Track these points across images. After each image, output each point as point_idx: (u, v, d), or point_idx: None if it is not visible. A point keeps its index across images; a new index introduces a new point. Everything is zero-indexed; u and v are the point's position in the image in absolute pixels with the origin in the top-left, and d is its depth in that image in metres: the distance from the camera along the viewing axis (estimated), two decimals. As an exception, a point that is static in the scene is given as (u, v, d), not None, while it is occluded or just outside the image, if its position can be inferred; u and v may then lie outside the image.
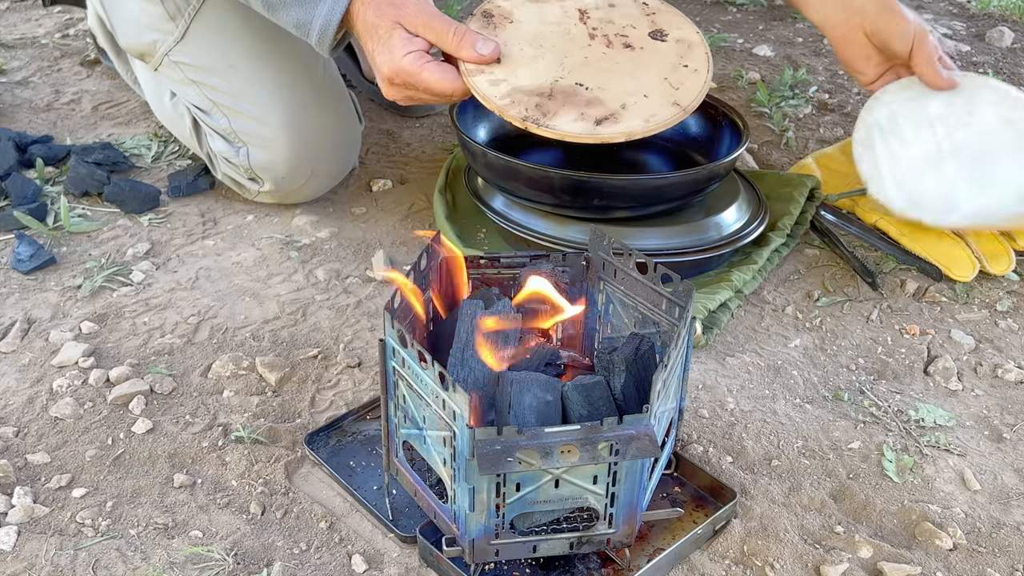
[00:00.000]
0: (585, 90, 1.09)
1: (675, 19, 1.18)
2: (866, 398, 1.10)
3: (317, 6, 1.09)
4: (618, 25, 1.16)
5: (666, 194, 1.20)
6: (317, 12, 1.09)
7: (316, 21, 1.10)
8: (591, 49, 1.13)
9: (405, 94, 1.09)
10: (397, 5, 1.06)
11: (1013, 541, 0.92)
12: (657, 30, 1.16)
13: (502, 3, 1.16)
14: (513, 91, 1.07)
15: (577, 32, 1.15)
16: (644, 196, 1.19)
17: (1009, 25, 2.13)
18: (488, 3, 1.16)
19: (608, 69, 1.11)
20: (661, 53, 1.14)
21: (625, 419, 0.76)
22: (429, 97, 1.08)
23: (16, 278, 1.25)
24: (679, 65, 1.13)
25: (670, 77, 1.11)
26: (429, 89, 1.06)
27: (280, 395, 1.07)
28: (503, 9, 1.15)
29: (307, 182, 1.38)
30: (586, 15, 1.16)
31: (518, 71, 1.09)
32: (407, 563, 0.88)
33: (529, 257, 0.97)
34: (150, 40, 1.35)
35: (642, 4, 1.19)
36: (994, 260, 1.28)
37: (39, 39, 1.96)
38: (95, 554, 0.88)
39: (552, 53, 1.12)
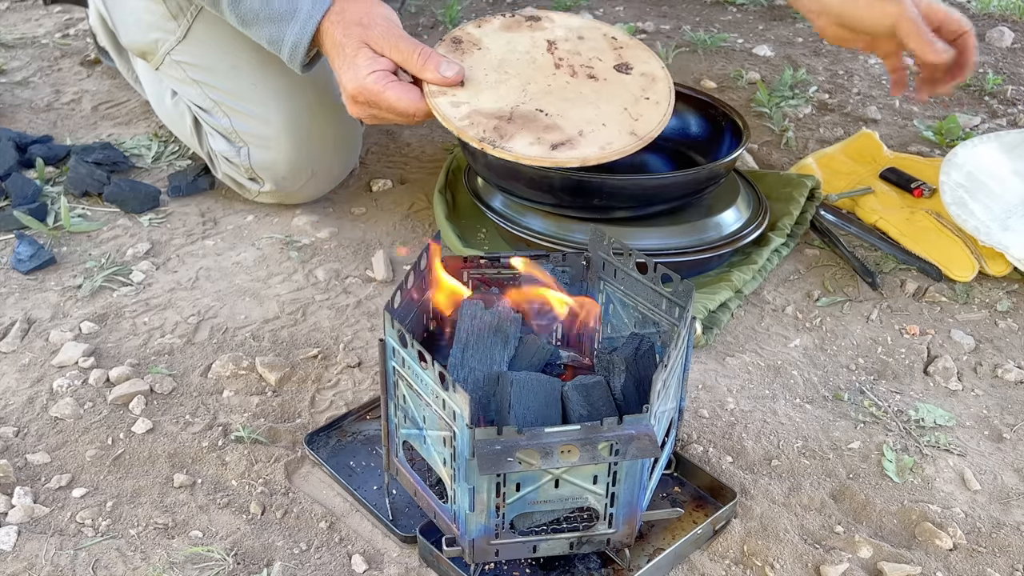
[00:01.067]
0: (545, 116, 1.11)
1: (642, 54, 1.21)
2: (866, 398, 1.10)
3: (288, 24, 1.12)
4: (584, 57, 1.19)
5: (666, 194, 1.20)
6: (288, 31, 1.12)
7: (287, 39, 1.13)
8: (555, 78, 1.15)
9: (369, 112, 1.11)
10: (364, 25, 1.08)
11: (1013, 541, 0.92)
12: (623, 63, 1.18)
13: (472, 30, 1.19)
14: (473, 112, 1.09)
15: (543, 61, 1.17)
16: (644, 196, 1.19)
17: (1009, 25, 2.13)
18: (459, 30, 1.19)
19: (570, 98, 1.14)
20: (624, 85, 1.16)
21: (625, 419, 0.76)
22: (392, 116, 1.10)
23: (16, 278, 1.25)
24: (641, 97, 1.15)
25: (630, 108, 1.13)
26: (391, 108, 1.08)
27: (280, 395, 1.07)
28: (472, 36, 1.18)
29: (307, 182, 1.38)
30: (554, 46, 1.19)
31: (480, 95, 1.11)
32: (407, 563, 0.88)
33: (529, 257, 0.97)
34: (152, 39, 1.35)
35: (611, 38, 1.22)
36: (992, 261, 1.28)
37: (39, 39, 1.96)
38: (95, 554, 0.88)
39: (516, 79, 1.14)
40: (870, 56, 1.96)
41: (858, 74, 1.89)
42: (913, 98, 1.31)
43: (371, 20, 1.09)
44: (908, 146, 1.62)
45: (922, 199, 1.42)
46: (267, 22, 1.13)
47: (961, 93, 1.83)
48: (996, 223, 1.29)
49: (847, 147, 1.55)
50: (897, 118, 1.72)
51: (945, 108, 1.77)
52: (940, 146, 1.62)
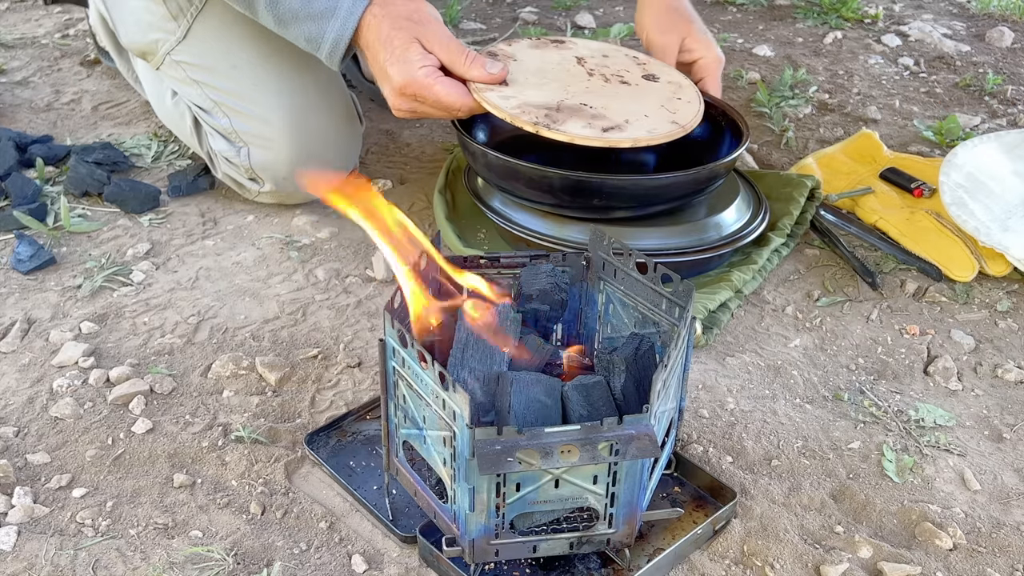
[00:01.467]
0: (590, 108, 1.16)
1: (665, 68, 1.30)
2: (866, 398, 1.10)
3: (329, 21, 1.13)
4: (613, 69, 1.26)
5: (666, 194, 1.20)
6: (329, 27, 1.14)
7: (328, 35, 1.14)
8: (591, 82, 1.22)
9: (412, 106, 1.14)
10: (415, 22, 1.11)
11: (1013, 541, 0.92)
12: (650, 74, 1.26)
13: (504, 47, 1.25)
14: (523, 104, 1.15)
15: (577, 71, 1.24)
16: (644, 196, 1.19)
17: (1009, 25, 2.13)
18: (492, 47, 1.25)
19: (609, 95, 1.20)
20: (655, 89, 1.24)
21: (625, 419, 0.76)
22: (435, 111, 1.14)
23: (16, 278, 1.25)
24: (673, 98, 1.22)
25: (666, 105, 1.20)
26: (438, 102, 1.12)
27: (280, 395, 1.07)
28: (506, 51, 1.24)
29: (307, 182, 1.38)
30: (583, 60, 1.26)
31: (526, 91, 1.17)
32: (407, 563, 0.88)
33: (529, 257, 0.97)
34: (152, 39, 1.35)
35: (633, 57, 1.30)
36: (992, 261, 1.28)
37: (39, 39, 1.96)
38: (95, 554, 0.88)
39: (556, 83, 1.21)
40: (870, 56, 1.96)
41: (858, 74, 1.89)
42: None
43: (421, 17, 1.11)
44: (908, 146, 1.62)
45: (922, 199, 1.42)
46: (306, 20, 1.14)
47: (961, 93, 1.83)
48: (996, 223, 1.29)
49: (847, 147, 1.55)
50: (897, 118, 1.72)
51: (945, 108, 1.77)
52: (940, 146, 1.62)
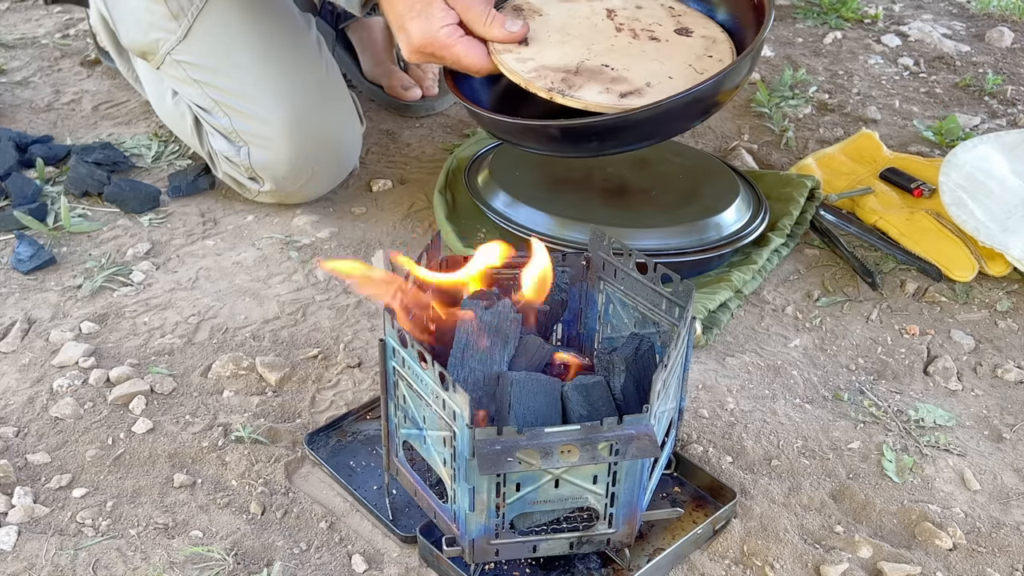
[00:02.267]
0: (611, 70, 1.11)
1: (701, 20, 1.21)
2: (866, 398, 1.10)
3: None
4: (644, 22, 1.19)
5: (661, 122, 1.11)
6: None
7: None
8: (617, 39, 1.16)
9: (429, 60, 1.12)
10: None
11: (1013, 541, 0.92)
12: (683, 27, 1.19)
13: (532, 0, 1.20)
14: (540, 67, 1.11)
15: (604, 26, 1.18)
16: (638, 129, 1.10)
17: (1009, 25, 2.13)
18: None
19: (634, 55, 1.14)
20: (686, 45, 1.16)
21: (625, 419, 0.76)
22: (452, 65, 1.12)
23: (16, 278, 1.25)
24: (704, 55, 1.14)
25: (695, 64, 1.13)
26: (458, 62, 1.10)
27: (280, 395, 1.07)
28: (533, 4, 1.19)
29: (307, 182, 1.38)
30: (614, 13, 1.20)
31: (545, 52, 1.13)
32: (407, 563, 0.88)
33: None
34: (153, 39, 1.35)
35: (668, 7, 1.22)
36: (992, 261, 1.28)
37: (39, 39, 1.96)
38: (95, 554, 0.88)
39: (579, 40, 1.15)
40: (870, 56, 1.96)
41: (858, 74, 1.89)
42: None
43: None
44: (908, 146, 1.62)
45: (922, 199, 1.42)
46: None
47: (961, 93, 1.83)
48: (996, 223, 1.29)
49: (847, 147, 1.55)
50: (897, 118, 1.72)
51: (945, 108, 1.77)
52: (940, 146, 1.62)
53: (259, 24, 1.32)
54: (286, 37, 1.34)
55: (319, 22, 1.64)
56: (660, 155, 1.39)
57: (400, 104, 1.68)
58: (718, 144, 1.61)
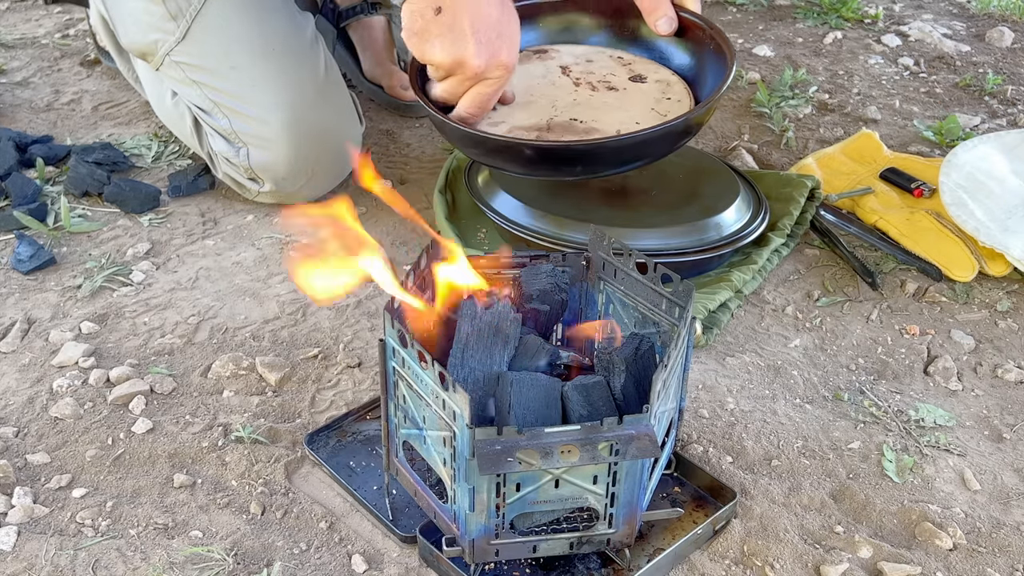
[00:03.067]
0: (580, 123, 1.16)
1: (651, 66, 1.27)
2: (866, 398, 1.10)
3: None
4: (599, 74, 1.24)
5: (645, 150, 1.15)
6: None
7: None
8: (578, 93, 1.21)
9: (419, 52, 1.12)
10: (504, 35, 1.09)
11: (1013, 541, 0.92)
12: (636, 75, 1.24)
13: None
14: (513, 128, 1.14)
15: (562, 82, 1.23)
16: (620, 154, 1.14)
17: (1009, 25, 2.13)
18: None
19: (597, 106, 1.19)
20: (643, 92, 1.22)
21: (625, 419, 0.76)
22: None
23: (16, 278, 1.25)
24: (663, 98, 1.20)
25: (656, 107, 1.19)
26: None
27: (280, 395, 1.07)
28: None
29: (307, 182, 1.38)
30: (568, 69, 1.25)
31: (514, 113, 1.17)
32: (407, 563, 0.88)
33: (529, 257, 0.97)
34: (152, 39, 1.35)
35: (618, 58, 1.28)
36: (992, 261, 1.28)
37: (39, 39, 1.96)
38: (95, 554, 0.88)
39: (543, 99, 1.20)
40: (870, 56, 1.96)
41: (858, 74, 1.89)
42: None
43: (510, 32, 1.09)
44: (908, 146, 1.62)
45: (922, 199, 1.42)
46: None
47: (961, 93, 1.83)
48: (996, 223, 1.29)
49: (847, 147, 1.55)
50: (897, 118, 1.72)
51: (945, 108, 1.77)
52: (940, 146, 1.62)
53: (258, 24, 1.32)
54: (285, 37, 1.34)
55: (319, 21, 1.64)
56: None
57: (400, 104, 1.68)
58: (718, 144, 1.61)
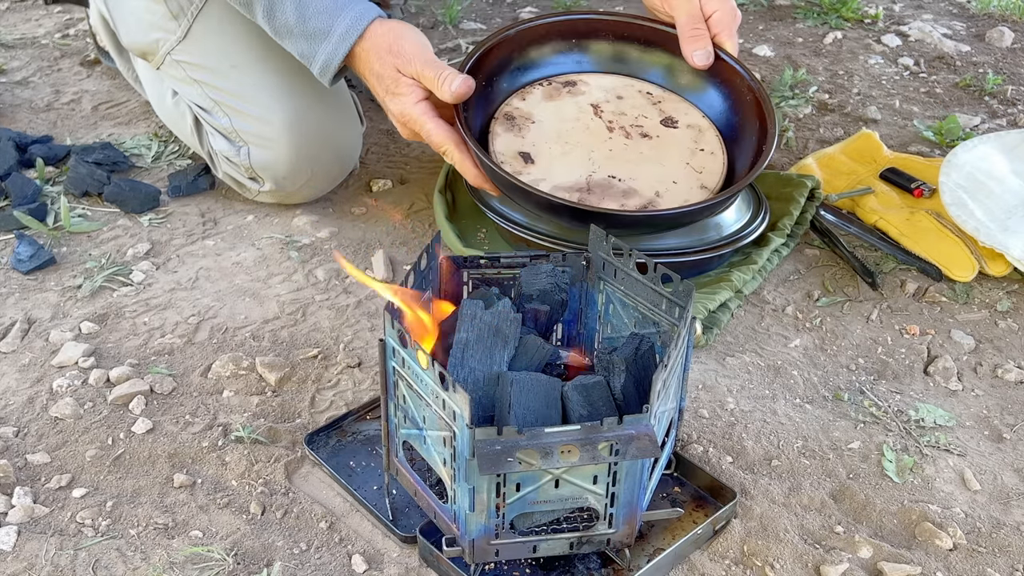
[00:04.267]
0: (619, 181, 1.16)
1: (680, 105, 1.27)
2: (866, 398, 1.10)
3: (321, 43, 1.16)
4: (631, 116, 1.24)
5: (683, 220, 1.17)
6: (320, 49, 1.17)
7: (319, 57, 1.17)
8: (612, 141, 1.21)
9: (413, 136, 1.17)
10: (395, 53, 1.13)
11: (1013, 541, 0.92)
12: (667, 117, 1.24)
13: (519, 104, 1.24)
14: (554, 189, 1.15)
15: (595, 126, 1.23)
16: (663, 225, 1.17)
17: (1009, 25, 2.13)
18: (507, 105, 1.24)
19: (633, 160, 1.19)
20: (677, 140, 1.22)
21: (625, 419, 0.76)
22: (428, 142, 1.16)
23: (16, 278, 1.25)
24: (696, 150, 1.21)
25: (691, 162, 1.19)
26: (429, 139, 1.14)
27: (280, 395, 1.07)
28: (522, 111, 1.23)
29: (308, 182, 1.38)
30: (599, 109, 1.25)
31: (552, 169, 1.17)
32: (407, 563, 0.88)
33: (529, 257, 0.97)
34: (153, 39, 1.35)
35: (647, 94, 1.27)
36: (992, 261, 1.28)
37: (39, 39, 1.96)
38: (95, 554, 0.88)
39: (578, 149, 1.20)
40: (870, 56, 1.96)
41: (858, 74, 1.89)
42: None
43: (400, 47, 1.13)
44: (908, 146, 1.62)
45: (922, 199, 1.42)
46: (300, 38, 1.17)
47: (961, 93, 1.83)
48: (996, 223, 1.29)
49: (847, 147, 1.55)
50: (897, 118, 1.72)
51: (945, 108, 1.77)
52: (940, 146, 1.62)
53: (258, 24, 1.32)
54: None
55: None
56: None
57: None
58: (718, 144, 1.61)
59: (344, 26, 1.14)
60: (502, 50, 1.24)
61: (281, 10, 1.17)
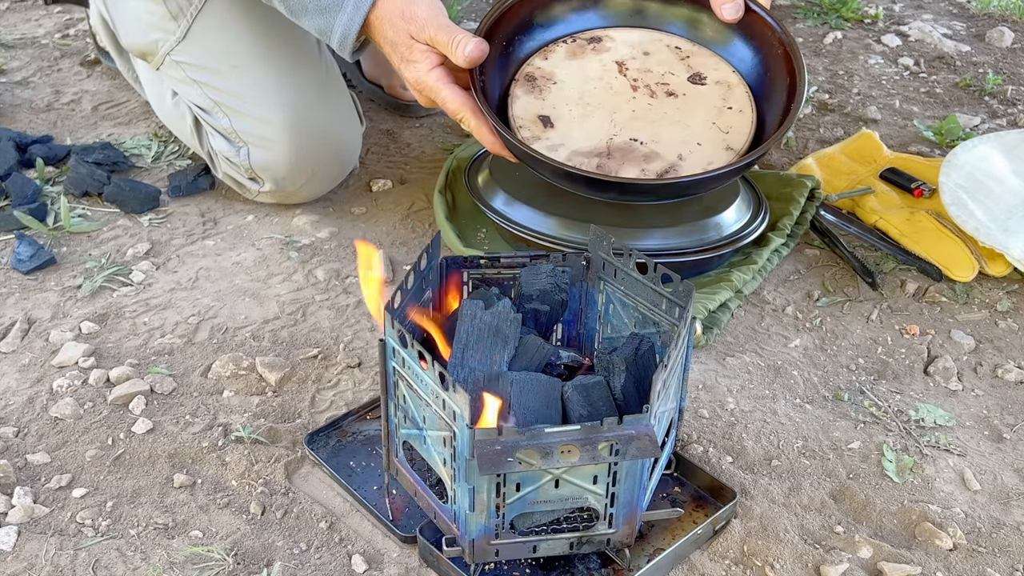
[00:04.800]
0: (640, 144, 1.13)
1: (710, 60, 1.21)
2: (866, 398, 1.10)
3: (336, 15, 1.14)
4: (657, 74, 1.19)
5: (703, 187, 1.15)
6: (337, 21, 1.15)
7: (336, 29, 1.15)
8: (636, 101, 1.17)
9: (430, 100, 1.15)
10: (408, 19, 1.11)
11: (1013, 541, 0.92)
12: (695, 74, 1.19)
13: (541, 64, 1.21)
14: (572, 155, 1.12)
15: (619, 85, 1.18)
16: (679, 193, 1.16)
17: (1009, 25, 2.13)
18: (528, 66, 1.20)
19: (657, 120, 1.15)
20: (704, 97, 1.17)
21: (625, 419, 0.76)
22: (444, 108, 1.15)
23: (16, 278, 1.25)
24: (724, 108, 1.17)
25: (718, 121, 1.15)
26: (444, 106, 1.12)
27: (280, 395, 1.07)
28: (544, 71, 1.20)
29: (307, 182, 1.38)
30: (624, 67, 1.20)
31: (572, 133, 1.14)
32: (407, 563, 0.88)
33: (529, 257, 0.97)
34: (152, 39, 1.35)
35: (675, 48, 1.22)
36: (992, 261, 1.28)
37: (39, 39, 1.96)
38: (95, 554, 0.88)
39: (600, 111, 1.16)
40: (870, 56, 1.96)
41: (858, 74, 1.89)
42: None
43: (412, 13, 1.11)
44: (908, 146, 1.62)
45: (922, 199, 1.42)
46: (316, 13, 1.16)
47: (961, 93, 1.83)
48: (996, 224, 1.29)
49: (847, 147, 1.55)
50: (897, 118, 1.72)
51: (945, 108, 1.77)
52: (940, 146, 1.62)
53: (258, 24, 1.32)
54: (285, 37, 1.34)
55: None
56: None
57: (400, 104, 1.68)
58: (718, 144, 1.61)
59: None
60: (522, 8, 1.20)
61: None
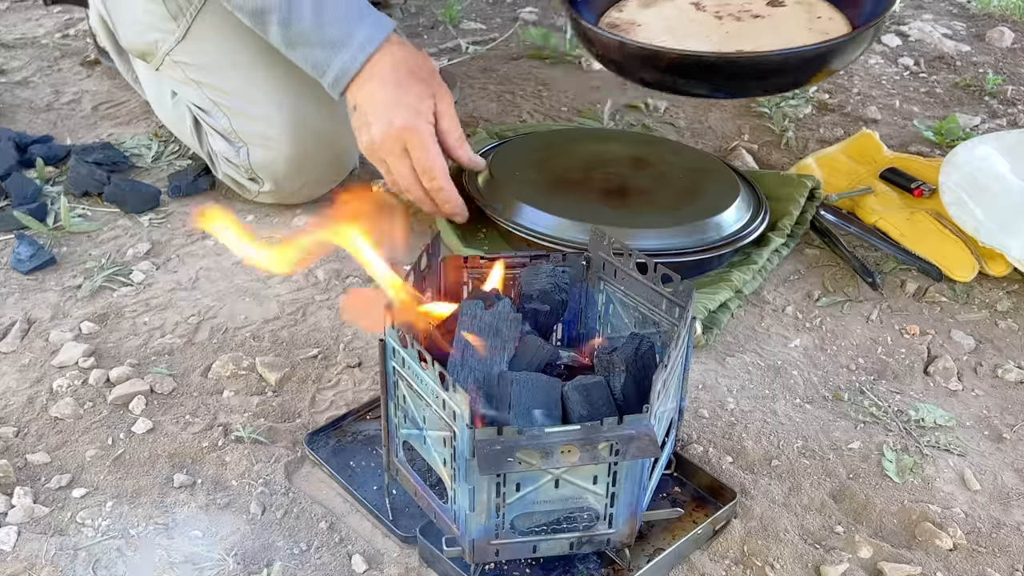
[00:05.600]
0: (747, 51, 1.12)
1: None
2: (866, 398, 1.10)
3: (339, 52, 1.14)
4: (735, 5, 1.20)
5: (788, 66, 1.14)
6: (337, 58, 1.15)
7: (335, 65, 1.16)
8: (724, 26, 1.16)
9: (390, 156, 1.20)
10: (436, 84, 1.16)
11: (1013, 541, 0.92)
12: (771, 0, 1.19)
13: (619, 14, 1.21)
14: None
15: (703, 18, 1.18)
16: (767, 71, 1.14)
17: (1009, 25, 2.13)
18: (608, 16, 1.21)
19: (753, 33, 1.15)
20: (791, 15, 1.18)
21: (625, 419, 0.76)
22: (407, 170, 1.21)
23: (16, 278, 1.25)
24: (814, 17, 1.17)
25: (813, 27, 1.15)
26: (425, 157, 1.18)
27: (280, 395, 1.07)
28: (623, 18, 1.20)
29: (307, 182, 1.38)
30: (700, 5, 1.20)
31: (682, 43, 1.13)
32: (407, 563, 0.88)
33: (529, 257, 0.97)
34: (152, 39, 1.35)
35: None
36: (993, 261, 1.28)
37: (39, 39, 1.96)
38: (95, 554, 0.88)
39: (693, 36, 1.15)
40: (870, 56, 1.96)
41: (858, 74, 1.89)
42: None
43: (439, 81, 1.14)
44: (908, 146, 1.62)
45: (922, 199, 1.42)
46: (316, 46, 1.15)
47: (961, 93, 1.83)
48: (996, 223, 1.29)
49: (847, 147, 1.54)
50: (897, 118, 1.72)
51: (945, 108, 1.77)
52: (940, 146, 1.62)
53: (259, 24, 1.32)
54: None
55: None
56: (660, 155, 1.39)
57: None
58: (718, 144, 1.61)
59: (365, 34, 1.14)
60: None
61: (298, 18, 1.16)
